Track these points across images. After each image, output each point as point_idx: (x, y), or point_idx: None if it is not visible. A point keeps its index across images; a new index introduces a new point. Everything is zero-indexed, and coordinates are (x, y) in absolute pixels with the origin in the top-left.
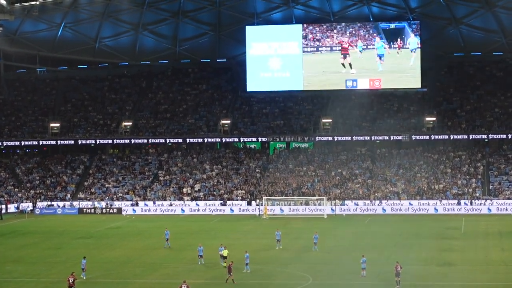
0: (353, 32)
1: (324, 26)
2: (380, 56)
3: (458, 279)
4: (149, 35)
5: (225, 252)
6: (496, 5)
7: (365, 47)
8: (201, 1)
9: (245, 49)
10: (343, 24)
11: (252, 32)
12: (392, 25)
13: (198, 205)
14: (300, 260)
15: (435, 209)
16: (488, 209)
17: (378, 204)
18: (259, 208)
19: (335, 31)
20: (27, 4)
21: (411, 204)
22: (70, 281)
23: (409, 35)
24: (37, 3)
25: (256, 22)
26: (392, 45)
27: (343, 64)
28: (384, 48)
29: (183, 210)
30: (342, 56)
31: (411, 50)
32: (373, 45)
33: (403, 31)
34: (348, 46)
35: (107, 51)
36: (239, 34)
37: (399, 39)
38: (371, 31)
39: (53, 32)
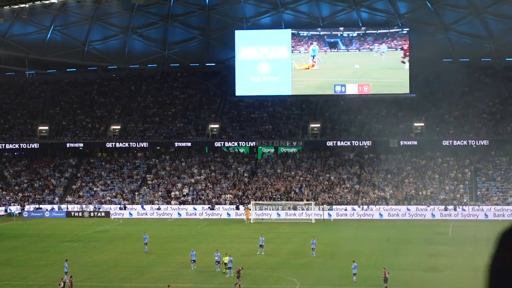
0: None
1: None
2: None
3: (445, 284)
4: (138, 38)
5: (226, 259)
6: (485, 11)
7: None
8: (190, 5)
9: (234, 54)
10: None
11: (241, 37)
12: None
13: (186, 209)
14: (288, 264)
15: (423, 214)
16: (476, 215)
17: (366, 209)
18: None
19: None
20: (16, 6)
21: (398, 209)
22: (67, 284)
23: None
24: (27, 5)
25: (245, 26)
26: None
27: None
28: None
29: (170, 214)
30: None
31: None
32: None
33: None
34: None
35: (96, 54)
36: (228, 38)
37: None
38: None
39: (42, 35)
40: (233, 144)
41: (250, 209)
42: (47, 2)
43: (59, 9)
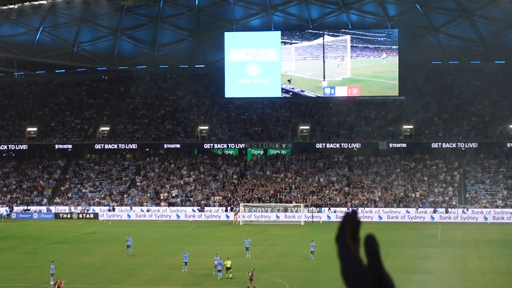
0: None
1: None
2: None
3: (434, 287)
4: (127, 40)
5: (228, 263)
6: (474, 14)
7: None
8: (180, 6)
9: (223, 55)
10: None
11: (231, 38)
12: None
13: (175, 211)
14: (276, 266)
15: (412, 217)
16: (465, 217)
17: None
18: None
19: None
20: (5, 7)
21: (388, 212)
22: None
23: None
24: (16, 6)
25: (235, 28)
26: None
27: None
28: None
29: (159, 216)
30: None
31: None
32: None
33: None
34: None
35: (85, 55)
36: (218, 40)
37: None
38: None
39: (31, 36)
40: (222, 146)
41: (238, 211)
42: (36, 3)
43: (48, 10)
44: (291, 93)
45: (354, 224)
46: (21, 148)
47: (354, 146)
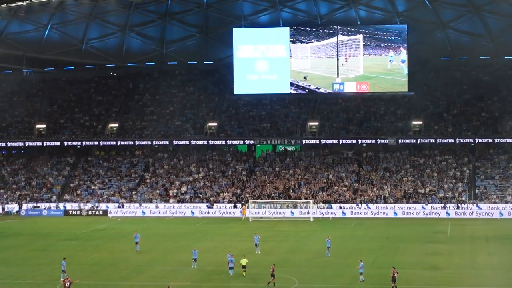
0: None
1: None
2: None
3: (444, 283)
4: (136, 36)
5: (243, 261)
6: (483, 9)
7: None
8: (188, 3)
9: (232, 52)
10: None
11: (239, 35)
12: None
13: (184, 207)
14: (286, 263)
15: (421, 212)
16: (474, 213)
17: (365, 208)
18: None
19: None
20: (13, 4)
21: (398, 208)
22: (66, 285)
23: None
24: (24, 3)
25: (243, 24)
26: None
27: None
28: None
29: (168, 212)
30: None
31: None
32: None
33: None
34: None
35: (94, 52)
36: (226, 36)
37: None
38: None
39: (40, 33)
40: (231, 142)
41: (247, 207)
42: (44, 0)
43: (56, 7)
44: (307, 90)
45: None
46: (31, 145)
47: (363, 142)
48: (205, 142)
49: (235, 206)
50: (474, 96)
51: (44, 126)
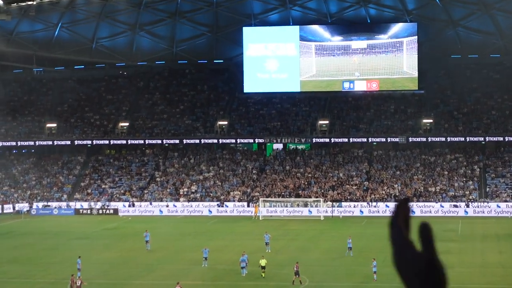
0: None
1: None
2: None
3: (455, 281)
4: (146, 35)
5: (262, 262)
6: (494, 7)
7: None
8: (198, 2)
9: (242, 50)
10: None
11: (249, 33)
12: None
13: (195, 206)
14: (296, 261)
15: (432, 211)
16: (485, 211)
17: (375, 206)
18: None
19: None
20: (24, 4)
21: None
22: (77, 284)
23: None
24: (34, 3)
25: (253, 23)
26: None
27: None
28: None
29: (179, 211)
30: None
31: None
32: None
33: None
34: None
35: (104, 51)
36: (236, 35)
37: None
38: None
39: (50, 32)
40: (241, 141)
41: (258, 206)
42: None
43: (66, 6)
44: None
45: (406, 210)
46: (41, 144)
47: (374, 141)
48: (215, 140)
49: (248, 205)
50: (485, 94)
51: (54, 125)
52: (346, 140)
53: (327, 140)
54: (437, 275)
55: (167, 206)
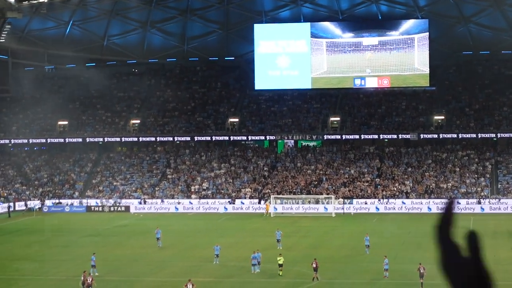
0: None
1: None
2: None
3: None
4: (157, 33)
5: (280, 260)
6: (505, 3)
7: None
8: None
9: (253, 47)
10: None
11: (260, 30)
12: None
13: (206, 203)
14: (307, 258)
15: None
16: (497, 208)
17: (387, 203)
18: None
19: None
20: (35, 2)
21: (419, 203)
22: (88, 281)
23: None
24: (45, 1)
25: (264, 20)
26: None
27: None
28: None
29: (194, 208)
30: None
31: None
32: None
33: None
34: None
35: (115, 49)
36: (247, 32)
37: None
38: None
39: (61, 30)
40: (252, 138)
41: (270, 203)
42: None
43: (77, 4)
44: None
45: (452, 212)
46: (53, 141)
47: (385, 137)
48: (226, 138)
49: (259, 202)
50: (496, 90)
51: (66, 122)
52: (357, 136)
53: (338, 137)
54: (486, 284)
55: (179, 203)
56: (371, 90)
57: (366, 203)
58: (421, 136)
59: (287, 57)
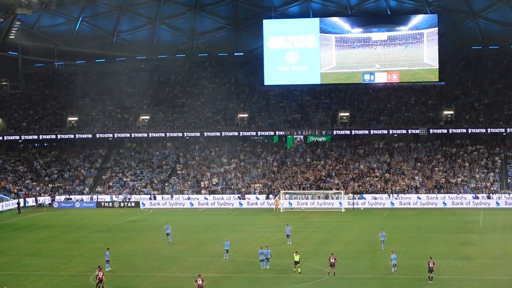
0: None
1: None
2: None
3: (476, 273)
4: (166, 29)
5: (296, 257)
6: None
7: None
8: None
9: (262, 43)
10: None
11: (269, 26)
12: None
13: (216, 199)
14: (317, 253)
15: (453, 202)
16: (506, 202)
17: (396, 198)
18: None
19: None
20: None
21: (429, 198)
22: (100, 276)
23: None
24: None
25: (273, 15)
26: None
27: None
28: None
29: (209, 204)
30: None
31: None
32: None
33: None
34: None
35: (125, 44)
36: (256, 27)
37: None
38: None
39: (71, 26)
40: (262, 133)
41: (279, 198)
42: None
43: (87, 0)
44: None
45: None
46: (63, 137)
47: (394, 133)
48: (236, 133)
49: (268, 197)
50: (505, 85)
51: (76, 118)
52: (366, 132)
53: (347, 132)
54: None
55: (189, 199)
56: (380, 85)
57: (375, 198)
58: (431, 131)
59: (296, 52)
